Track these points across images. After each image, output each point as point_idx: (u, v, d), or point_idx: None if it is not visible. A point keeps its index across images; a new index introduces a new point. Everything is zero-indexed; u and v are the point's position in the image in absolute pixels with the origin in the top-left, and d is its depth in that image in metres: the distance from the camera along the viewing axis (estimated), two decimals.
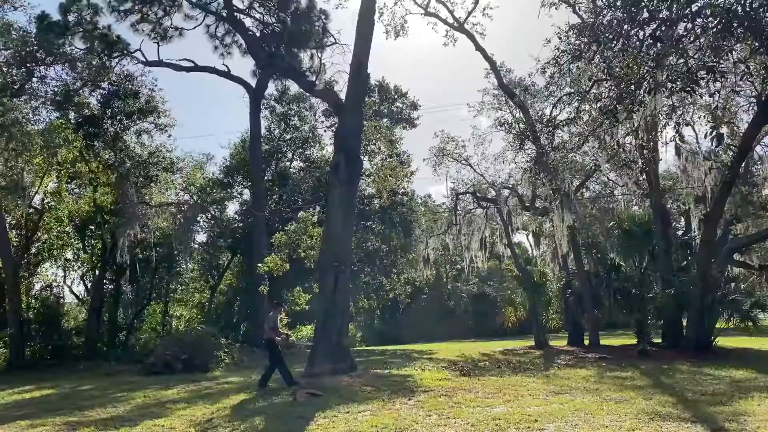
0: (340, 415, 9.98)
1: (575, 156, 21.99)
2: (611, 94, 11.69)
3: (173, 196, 31.58)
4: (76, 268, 32.24)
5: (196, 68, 30.31)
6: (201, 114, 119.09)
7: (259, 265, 19.67)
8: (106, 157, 28.18)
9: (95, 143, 27.91)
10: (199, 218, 31.75)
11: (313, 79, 29.01)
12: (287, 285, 35.95)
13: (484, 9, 23.24)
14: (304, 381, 14.31)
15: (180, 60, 29.64)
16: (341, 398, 11.64)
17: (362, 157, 30.83)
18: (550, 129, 17.57)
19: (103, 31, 27.14)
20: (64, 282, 32.85)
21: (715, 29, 9.08)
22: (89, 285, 31.38)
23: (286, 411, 10.57)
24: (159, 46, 28.90)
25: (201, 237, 34.20)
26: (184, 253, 31.01)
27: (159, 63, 29.11)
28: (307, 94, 34.53)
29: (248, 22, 29.27)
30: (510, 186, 28.69)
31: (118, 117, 27.78)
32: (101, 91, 27.85)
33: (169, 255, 31.36)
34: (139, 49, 28.57)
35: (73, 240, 29.57)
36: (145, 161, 28.33)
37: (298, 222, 20.84)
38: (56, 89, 26.29)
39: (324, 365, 15.27)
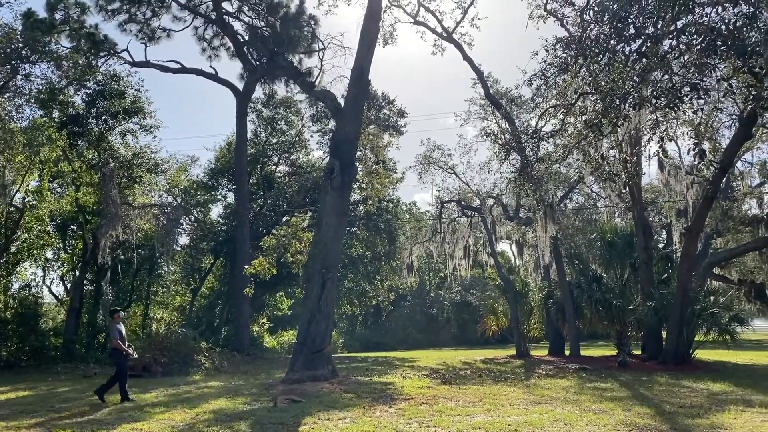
0: (320, 422, 9.96)
1: (559, 167, 22.16)
2: (596, 107, 11.82)
3: (156, 198, 31.37)
4: (56, 268, 31.84)
5: (183, 70, 30.20)
6: (187, 116, 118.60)
7: (246, 267, 19.49)
8: (90, 156, 27.93)
9: (79, 143, 27.65)
10: (182, 220, 31.51)
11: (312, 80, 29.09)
12: (270, 289, 35.85)
13: (473, 19, 23.40)
14: (284, 387, 14.27)
15: (167, 61, 29.60)
16: (322, 405, 11.62)
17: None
18: (536, 140, 17.68)
19: (90, 30, 26.96)
20: (44, 282, 32.45)
21: (699, 47, 9.22)
22: (69, 285, 31.00)
23: (265, 417, 10.52)
24: (146, 46, 28.83)
25: (183, 239, 33.96)
26: (166, 256, 30.75)
27: (146, 64, 28.97)
28: (295, 98, 34.61)
29: (237, 25, 29.27)
30: (494, 195, 28.89)
31: (103, 117, 27.52)
32: (86, 90, 27.56)
33: (151, 257, 31.12)
34: (126, 50, 28.45)
35: (53, 240, 29.20)
36: (129, 162, 28.11)
37: (288, 226, 20.69)
38: (41, 87, 25.99)
39: (305, 371, 15.24)
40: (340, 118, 18.52)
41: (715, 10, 9.24)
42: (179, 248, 33.46)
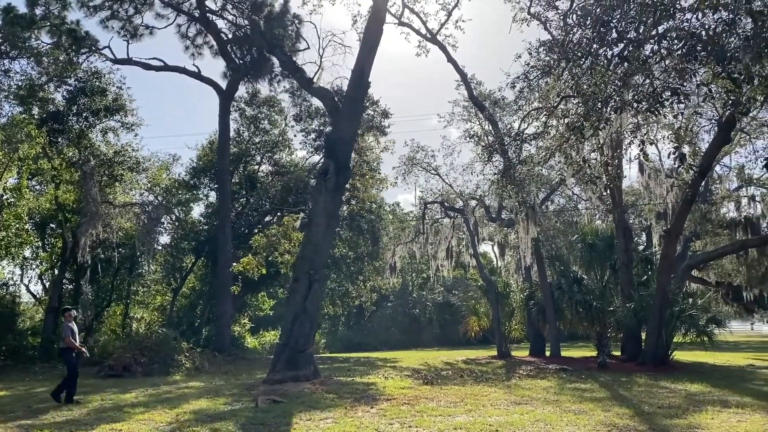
0: (302, 422, 9.94)
1: (541, 170, 22.31)
2: (578, 110, 11.92)
3: (137, 196, 31.11)
4: (34, 266, 31.50)
5: (166, 68, 29.95)
6: (169, 114, 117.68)
7: (234, 264, 19.30)
8: (70, 154, 27.62)
9: (59, 140, 27.33)
10: (163, 219, 31.30)
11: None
12: (252, 290, 35.68)
13: (457, 21, 23.46)
14: (265, 387, 14.22)
15: (150, 59, 29.29)
16: (303, 405, 11.60)
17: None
18: (518, 142, 17.78)
19: (71, 26, 26.62)
20: (21, 281, 32.11)
21: (680, 52, 9.33)
22: (47, 284, 30.65)
23: (246, 417, 10.48)
24: (129, 43, 28.50)
25: (165, 238, 33.72)
26: (147, 255, 30.52)
27: (128, 61, 28.68)
28: (279, 97, 34.48)
29: (221, 23, 29.09)
30: (477, 197, 29.04)
31: (84, 114, 27.23)
32: (67, 87, 27.26)
33: (132, 256, 30.84)
34: (108, 46, 28.12)
35: (32, 238, 28.84)
36: (110, 160, 27.85)
37: (279, 225, 20.58)
38: (20, 83, 25.71)
39: (286, 372, 15.21)
40: (338, 119, 18.36)
41: (695, 15, 9.34)
42: (160, 247, 33.24)
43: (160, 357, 19.88)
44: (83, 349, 13.40)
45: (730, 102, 11.27)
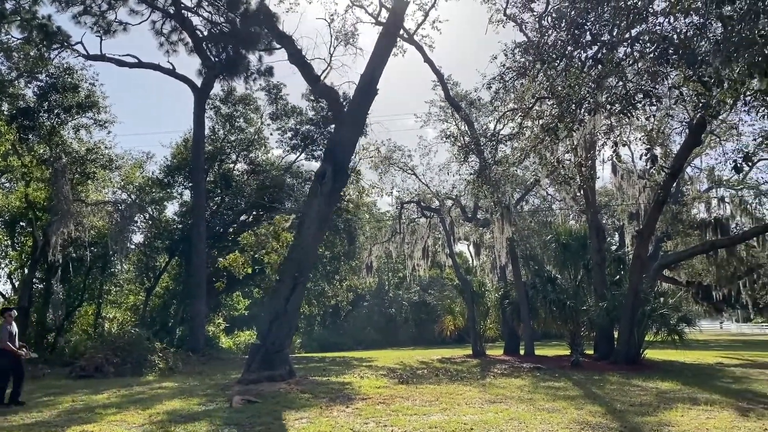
0: (277, 423, 9.90)
1: (516, 170, 22.53)
2: (553, 112, 12.06)
3: (110, 195, 30.69)
4: (3, 265, 30.88)
5: (140, 65, 29.57)
6: (143, 112, 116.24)
7: (221, 260, 18.93)
8: (41, 151, 27.10)
9: (29, 137, 26.80)
10: (136, 218, 30.90)
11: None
12: (227, 289, 35.41)
13: (434, 22, 23.55)
14: (240, 387, 14.13)
15: (124, 55, 28.93)
16: (278, 405, 11.55)
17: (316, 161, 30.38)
18: (494, 143, 17.94)
19: (43, 21, 26.12)
20: None
21: (652, 55, 9.48)
22: (17, 284, 30.06)
23: (221, 418, 10.40)
24: (102, 40, 28.11)
25: (138, 237, 33.30)
26: (120, 254, 30.10)
27: (101, 57, 28.26)
28: (255, 95, 34.23)
29: (196, 20, 28.81)
30: (453, 197, 29.17)
31: (56, 110, 26.74)
32: (38, 83, 26.75)
33: (104, 255, 30.39)
34: (81, 42, 27.68)
35: (1, 236, 28.29)
36: (83, 157, 27.39)
37: (270, 224, 20.27)
38: None
39: (261, 371, 15.12)
40: (341, 122, 18.01)
41: (667, 20, 9.51)
42: (133, 246, 32.83)
43: (133, 357, 19.61)
44: (21, 352, 12.90)
45: (701, 105, 11.49)
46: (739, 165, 11.34)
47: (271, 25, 22.69)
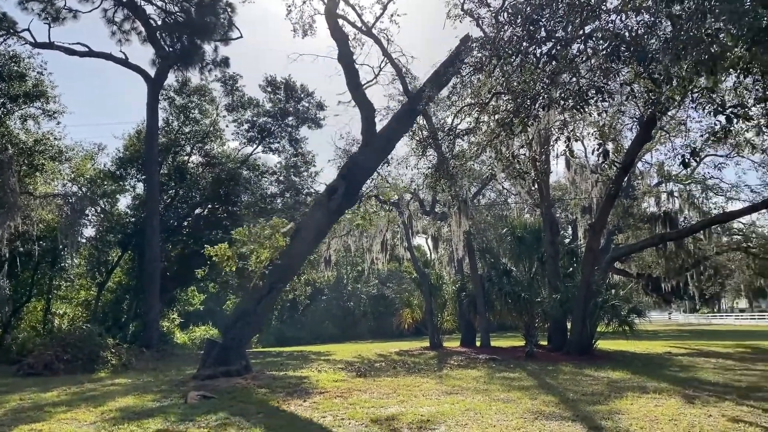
0: (233, 418, 9.80)
1: (473, 164, 22.70)
2: (508, 107, 12.17)
3: (60, 187, 29.76)
4: None
5: (91, 53, 28.76)
6: (95, 102, 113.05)
7: (207, 246, 18.07)
8: None
9: None
10: (87, 211, 30.08)
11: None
12: (181, 284, 34.86)
13: (392, 15, 23.42)
14: (195, 383, 13.94)
15: (74, 44, 28.11)
16: (234, 400, 11.44)
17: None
18: (451, 137, 18.02)
19: None
20: None
21: (604, 52, 9.66)
22: None
23: (176, 414, 10.24)
24: (50, 27, 27.26)
25: (89, 231, 32.41)
26: (70, 248, 29.25)
27: (50, 45, 27.40)
28: (210, 86, 33.67)
29: (150, 9, 28.18)
30: (412, 190, 29.25)
31: (1, 100, 25.77)
32: None
33: (54, 249, 29.48)
34: (28, 29, 26.80)
35: None
36: (30, 149, 26.46)
37: (268, 223, 19.34)
38: None
39: (217, 367, 14.94)
40: (369, 141, 17.34)
41: (619, 17, 9.71)
42: (84, 240, 31.97)
43: (84, 354, 19.12)
44: None
45: (651, 101, 11.80)
46: (687, 160, 11.70)
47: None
